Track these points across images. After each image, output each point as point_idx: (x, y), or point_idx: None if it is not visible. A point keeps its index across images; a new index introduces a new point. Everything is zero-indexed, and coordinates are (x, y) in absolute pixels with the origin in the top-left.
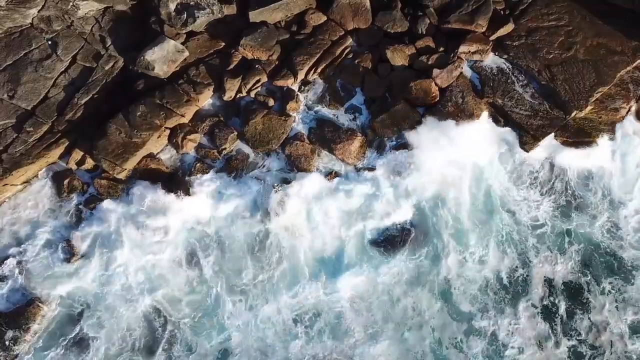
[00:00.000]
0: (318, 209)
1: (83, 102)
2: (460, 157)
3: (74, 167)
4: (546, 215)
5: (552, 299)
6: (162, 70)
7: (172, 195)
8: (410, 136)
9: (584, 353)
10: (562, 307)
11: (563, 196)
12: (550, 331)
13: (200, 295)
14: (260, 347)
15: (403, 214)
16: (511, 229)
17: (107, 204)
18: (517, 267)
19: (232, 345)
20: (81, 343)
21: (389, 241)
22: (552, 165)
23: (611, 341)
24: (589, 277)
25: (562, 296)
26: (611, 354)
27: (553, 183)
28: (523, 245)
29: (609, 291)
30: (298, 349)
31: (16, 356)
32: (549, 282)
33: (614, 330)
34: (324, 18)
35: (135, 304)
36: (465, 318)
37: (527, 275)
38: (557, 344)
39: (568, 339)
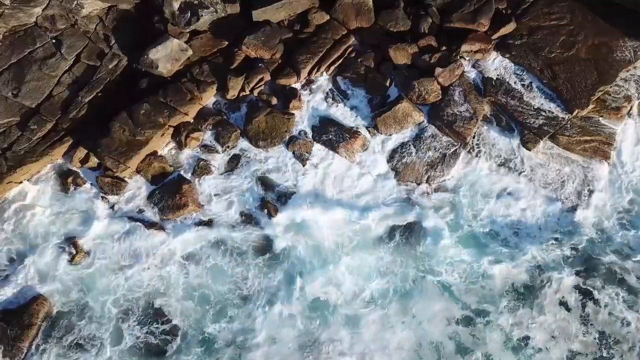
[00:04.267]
0: None
1: (87, 100)
2: None
3: (77, 165)
4: None
5: None
6: (165, 68)
7: None
8: None
9: None
10: None
11: None
12: None
13: None
14: None
15: None
16: None
17: None
18: None
19: None
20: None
21: None
22: None
23: None
24: None
25: None
26: None
27: None
28: None
29: None
30: None
31: (21, 352)
32: None
33: None
34: (327, 17)
35: None
36: None
37: None
38: None
39: None
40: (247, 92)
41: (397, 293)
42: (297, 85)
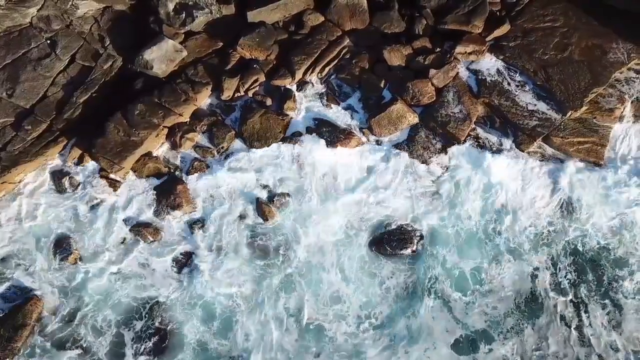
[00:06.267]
0: None
1: (82, 100)
2: None
3: (72, 165)
4: None
5: None
6: (160, 69)
7: None
8: None
9: None
10: None
11: None
12: None
13: None
14: None
15: None
16: None
17: None
18: None
19: None
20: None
21: None
22: None
23: None
24: None
25: None
26: None
27: None
28: None
29: None
30: None
31: (14, 353)
32: None
33: None
34: (322, 18)
35: None
36: None
37: None
38: None
39: None
40: (242, 93)
41: None
42: (292, 86)
